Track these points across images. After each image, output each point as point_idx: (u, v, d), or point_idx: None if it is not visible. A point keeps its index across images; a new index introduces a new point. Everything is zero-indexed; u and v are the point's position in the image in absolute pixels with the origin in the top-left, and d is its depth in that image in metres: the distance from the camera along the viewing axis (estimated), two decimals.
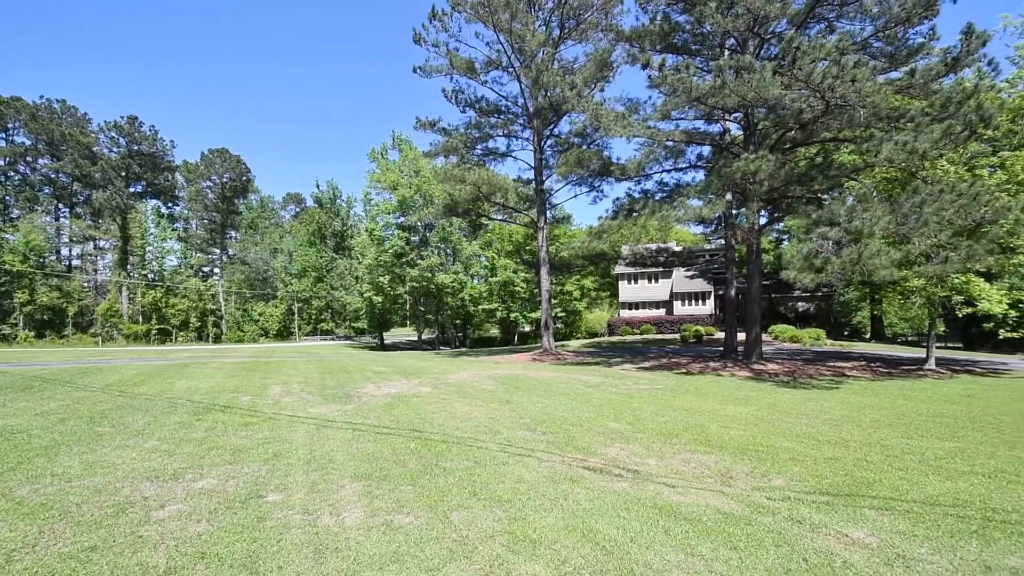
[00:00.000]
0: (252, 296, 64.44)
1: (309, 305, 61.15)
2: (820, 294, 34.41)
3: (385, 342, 50.80)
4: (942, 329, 23.11)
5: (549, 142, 26.19)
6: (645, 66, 14.97)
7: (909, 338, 38.76)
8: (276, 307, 61.88)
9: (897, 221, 12.36)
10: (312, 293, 58.93)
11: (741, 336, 19.86)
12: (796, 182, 15.04)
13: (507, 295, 45.72)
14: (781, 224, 29.85)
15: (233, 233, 71.54)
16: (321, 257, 58.74)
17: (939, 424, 8.28)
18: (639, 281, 43.16)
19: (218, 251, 69.81)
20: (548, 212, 26.93)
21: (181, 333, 56.79)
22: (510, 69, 24.22)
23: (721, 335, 27.05)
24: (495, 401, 9.87)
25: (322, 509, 4.27)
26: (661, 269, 38.27)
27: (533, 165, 25.44)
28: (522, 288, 44.68)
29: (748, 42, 16.73)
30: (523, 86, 24.05)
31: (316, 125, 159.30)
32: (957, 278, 15.82)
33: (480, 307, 47.13)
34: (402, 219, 43.84)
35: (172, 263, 61.85)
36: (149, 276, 57.89)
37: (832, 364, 18.49)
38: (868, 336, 37.81)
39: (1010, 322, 16.83)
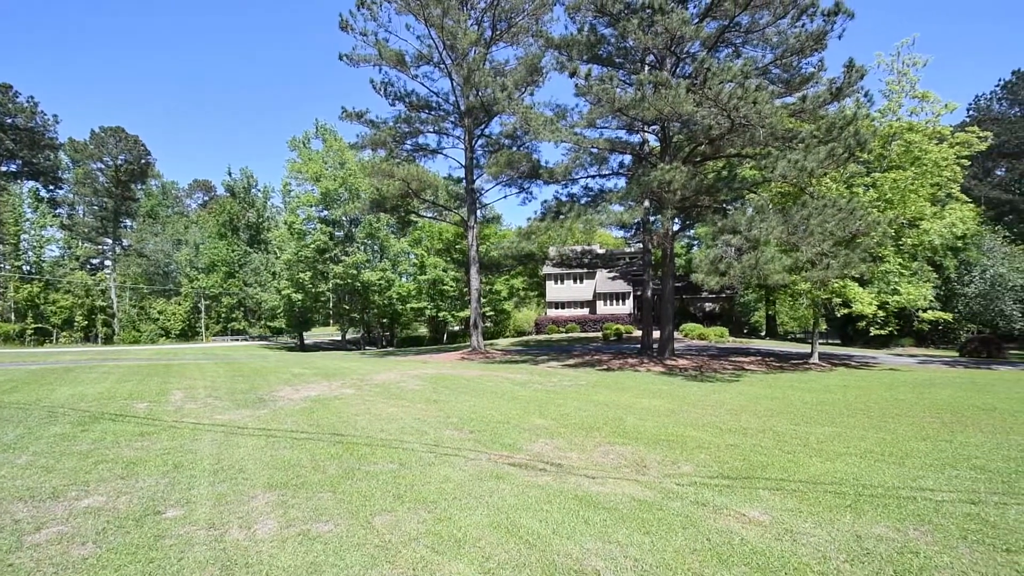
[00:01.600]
0: (151, 292, 58.24)
1: (218, 303, 56.40)
2: (724, 295, 37.59)
3: (305, 342, 48.14)
4: (824, 327, 26.29)
5: (480, 141, 26.25)
6: (573, 74, 15.50)
7: (797, 335, 43.39)
8: (179, 304, 56.32)
9: (788, 231, 13.90)
10: (222, 289, 54.40)
11: (656, 334, 21.19)
12: (705, 193, 16.38)
13: (436, 294, 45.18)
14: (692, 231, 32.24)
15: (129, 222, 64.06)
16: (233, 251, 54.38)
17: (821, 411, 9.38)
18: (565, 281, 44.51)
19: (110, 241, 62.15)
20: (478, 211, 26.99)
21: (64, 333, 49.99)
22: (441, 65, 23.97)
23: (639, 333, 28.67)
24: (422, 401, 9.75)
25: (230, 523, 3.99)
26: (585, 270, 39.74)
27: (464, 164, 25.37)
28: (451, 287, 44.36)
29: (666, 60, 17.89)
30: (454, 83, 23.90)
31: (229, 109, 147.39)
32: (837, 282, 18.03)
33: (408, 306, 46.17)
34: (325, 213, 41.77)
35: (53, 254, 54.36)
36: (24, 268, 50.35)
37: (733, 359, 20.30)
38: (764, 333, 41.85)
39: (878, 321, 19.50)
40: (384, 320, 49.24)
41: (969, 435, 7.29)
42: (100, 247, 61.64)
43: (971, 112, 47.21)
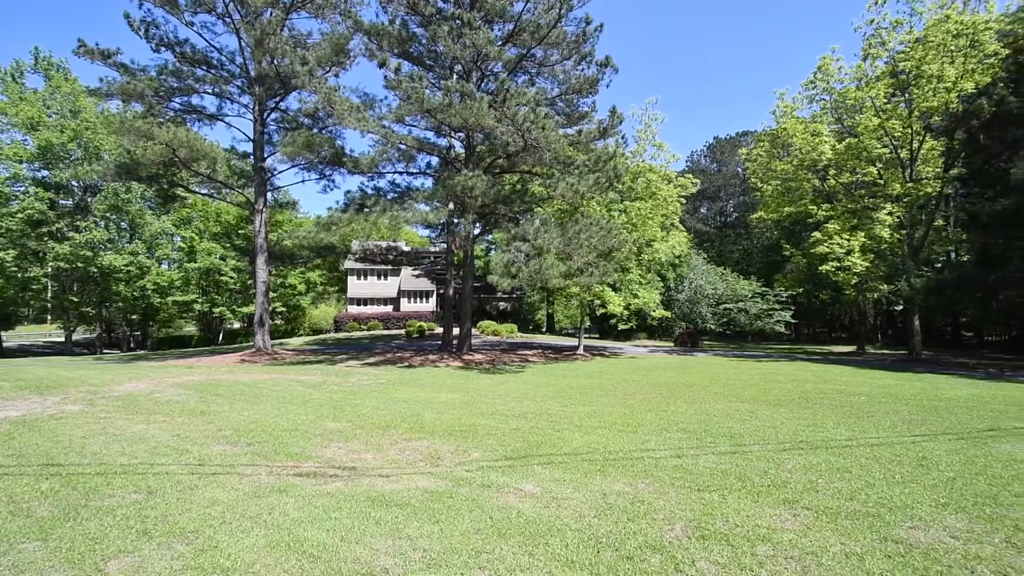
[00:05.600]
0: None
1: None
2: (515, 296, 41.72)
3: (4, 345, 35.26)
4: (588, 323, 31.58)
5: (274, 115, 23.31)
6: (382, 65, 15.15)
7: (569, 330, 50.84)
8: None
9: (565, 242, 16.34)
10: None
11: (456, 331, 22.23)
12: (502, 202, 17.99)
13: (211, 285, 38.40)
14: (490, 235, 34.84)
15: None
16: None
17: (583, 394, 11.22)
18: (368, 277, 42.94)
19: None
20: (269, 194, 23.94)
21: None
22: (227, 19, 20.51)
23: (441, 330, 29.58)
24: (184, 414, 8.22)
25: None
26: (390, 267, 39.09)
27: (252, 137, 22.19)
28: (232, 278, 38.28)
29: (472, 73, 18.92)
30: (243, 44, 20.71)
31: None
32: (597, 287, 21.98)
33: (171, 299, 37.97)
34: (45, 173, 31.48)
35: None
36: None
37: (520, 352, 22.70)
38: (544, 329, 47.81)
39: (624, 318, 24.66)
40: (134, 316, 39.52)
41: (678, 406, 9.68)
42: None
43: (688, 163, 63.58)
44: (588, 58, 18.09)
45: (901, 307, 29.90)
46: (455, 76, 19.06)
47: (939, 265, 28.41)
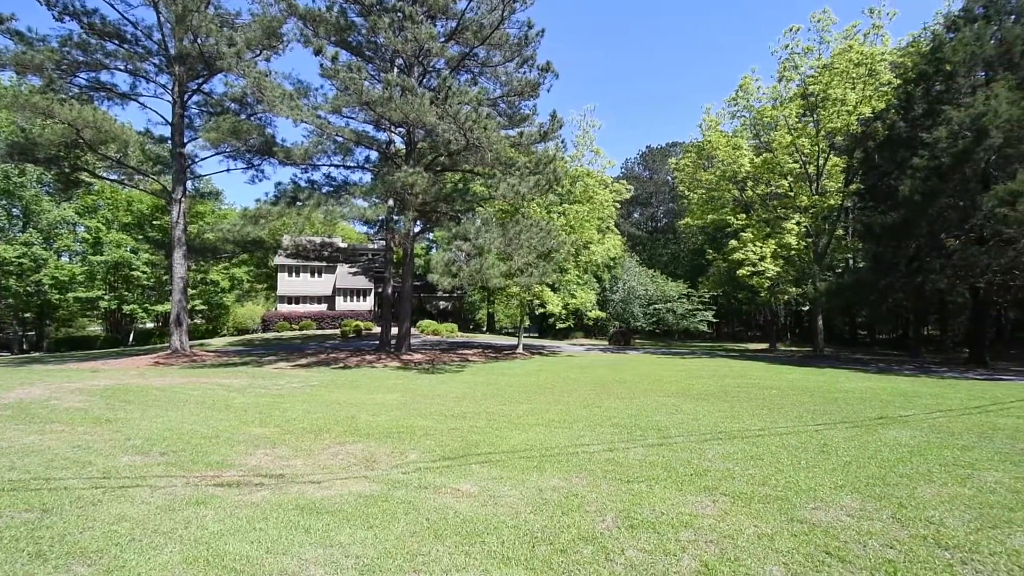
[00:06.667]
0: None
1: None
2: (456, 295, 41.49)
3: None
4: (528, 323, 32.12)
5: (196, 98, 21.58)
6: (318, 52, 14.53)
7: (510, 330, 51.32)
8: None
9: (506, 242, 16.52)
10: None
11: (395, 330, 21.73)
12: (443, 200, 17.82)
13: (120, 281, 34.90)
14: (431, 234, 34.47)
15: None
16: None
17: (522, 392, 11.38)
18: (301, 274, 40.96)
19: None
20: (190, 182, 22.16)
21: None
22: None
23: (379, 330, 28.77)
24: (87, 422, 7.44)
25: None
26: (325, 264, 37.49)
27: (171, 121, 20.40)
28: (146, 273, 35.03)
29: (414, 67, 18.60)
30: (163, 19, 18.99)
31: None
32: (537, 287, 22.44)
33: (72, 295, 34.01)
34: None
35: None
36: None
37: (460, 352, 22.62)
38: (485, 329, 47.96)
39: (562, 317, 25.36)
40: (27, 315, 35.13)
41: (611, 402, 10.06)
42: None
43: (623, 170, 66.60)
44: (530, 62, 18.38)
45: (807, 308, 32.93)
46: (396, 70, 18.61)
47: (840, 270, 31.57)
